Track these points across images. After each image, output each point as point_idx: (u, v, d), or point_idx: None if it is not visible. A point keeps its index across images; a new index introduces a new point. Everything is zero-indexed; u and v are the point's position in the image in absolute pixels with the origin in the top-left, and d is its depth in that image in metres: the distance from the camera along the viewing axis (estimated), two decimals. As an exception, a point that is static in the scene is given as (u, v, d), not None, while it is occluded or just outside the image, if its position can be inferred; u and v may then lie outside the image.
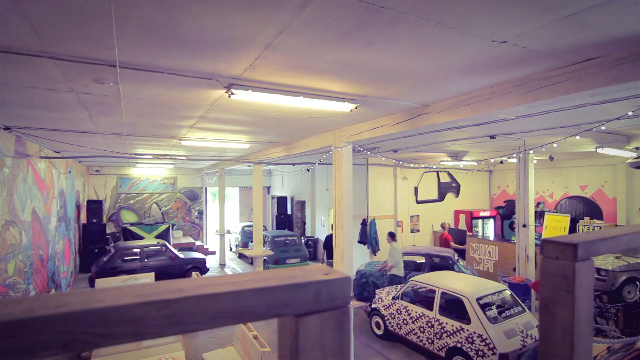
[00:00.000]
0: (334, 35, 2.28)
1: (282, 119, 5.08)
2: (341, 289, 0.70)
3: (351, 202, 6.02)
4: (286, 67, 2.90)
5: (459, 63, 2.77)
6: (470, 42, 2.36)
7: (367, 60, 2.72)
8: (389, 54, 2.57)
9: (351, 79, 3.20)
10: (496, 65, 2.80)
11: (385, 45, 2.43)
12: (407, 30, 2.18)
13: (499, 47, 2.46)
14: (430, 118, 4.14)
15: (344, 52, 2.58)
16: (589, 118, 4.95)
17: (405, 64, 2.79)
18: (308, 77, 3.20)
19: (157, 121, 5.16)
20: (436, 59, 2.68)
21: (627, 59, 2.52)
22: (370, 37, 2.30)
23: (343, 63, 2.79)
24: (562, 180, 12.02)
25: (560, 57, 2.66)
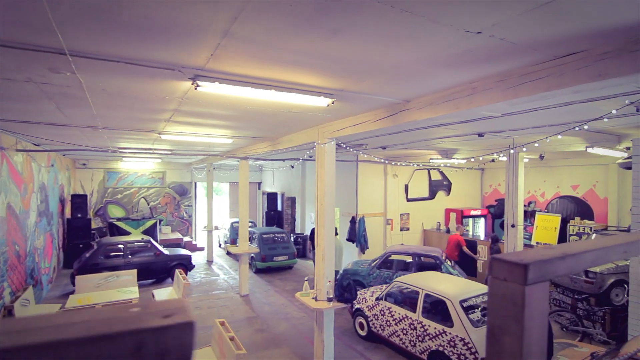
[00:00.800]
0: (294, 23, 2.09)
1: (260, 114, 4.88)
2: (179, 339, 0.52)
3: (333, 201, 5.85)
4: (251, 58, 2.71)
5: (435, 56, 2.59)
6: (442, 32, 2.18)
7: (335, 52, 2.54)
8: (356, 44, 2.39)
9: (323, 71, 3.01)
10: (474, 58, 2.62)
11: (351, 35, 2.24)
12: (371, 19, 2.00)
13: (475, 39, 2.28)
14: (411, 114, 3.97)
15: (310, 42, 2.39)
16: (578, 117, 4.80)
17: (376, 56, 2.60)
18: (278, 69, 3.01)
19: (130, 114, 4.95)
20: (409, 51, 2.50)
21: (612, 53, 2.35)
22: (334, 25, 2.11)
23: (311, 54, 2.60)
24: (554, 180, 11.93)
25: (541, 51, 2.48)
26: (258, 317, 8.50)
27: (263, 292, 10.33)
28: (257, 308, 9.08)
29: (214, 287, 10.86)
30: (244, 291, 10.01)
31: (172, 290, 9.08)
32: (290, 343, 7.20)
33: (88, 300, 7.94)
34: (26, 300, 7.61)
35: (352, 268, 9.67)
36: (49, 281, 10.48)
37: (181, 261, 11.26)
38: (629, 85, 3.05)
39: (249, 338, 7.40)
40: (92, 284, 8.87)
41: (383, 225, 12.47)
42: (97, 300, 7.94)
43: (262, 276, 12.04)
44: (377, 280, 9.06)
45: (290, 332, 7.73)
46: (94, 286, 8.85)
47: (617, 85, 2.61)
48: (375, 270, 9.20)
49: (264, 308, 9.08)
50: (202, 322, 8.12)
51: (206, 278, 11.85)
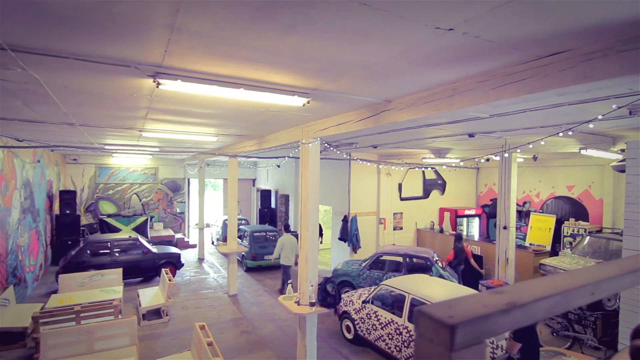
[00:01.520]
0: (244, 17, 1.89)
1: (240, 112, 4.68)
2: None
3: (317, 203, 5.66)
4: (211, 55, 2.50)
5: (408, 55, 2.39)
6: (410, 29, 1.97)
7: (296, 49, 2.33)
8: (316, 41, 2.18)
9: (290, 70, 2.81)
10: (451, 57, 2.42)
11: (308, 31, 2.03)
12: (326, 13, 1.79)
13: (448, 37, 2.08)
14: (393, 115, 3.76)
15: (267, 39, 2.18)
16: (570, 118, 4.61)
17: (342, 54, 2.40)
18: (244, 67, 2.80)
19: (103, 112, 4.74)
20: (378, 49, 2.29)
21: (598, 54, 2.15)
22: (287, 20, 1.90)
23: (272, 51, 2.40)
24: (549, 180, 11.75)
25: (523, 50, 2.28)
26: (245, 318, 8.34)
27: (252, 292, 10.18)
28: (244, 308, 8.93)
29: (203, 286, 10.70)
30: (233, 291, 9.85)
31: (158, 290, 8.92)
32: (275, 346, 7.05)
33: (70, 300, 7.77)
34: (6, 300, 7.44)
35: (342, 268, 9.52)
36: (34, 279, 10.31)
37: (170, 259, 11.09)
38: (620, 87, 2.85)
39: (233, 340, 7.25)
40: (76, 282, 8.70)
41: (376, 224, 12.30)
42: (79, 300, 7.77)
43: (253, 275, 11.89)
44: (367, 282, 8.91)
45: (276, 334, 7.58)
46: (78, 285, 8.67)
47: (605, 88, 2.41)
48: (366, 271, 9.05)
49: (252, 309, 8.93)
50: (188, 323, 7.96)
51: (196, 277, 11.69)
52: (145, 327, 7.73)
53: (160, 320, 8.03)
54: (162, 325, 7.87)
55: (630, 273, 1.16)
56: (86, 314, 6.61)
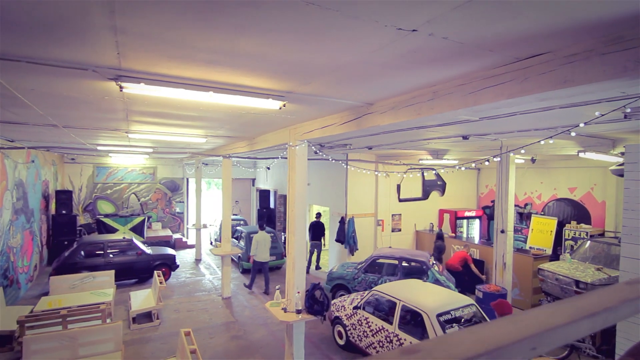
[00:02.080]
0: (185, 18, 1.74)
1: (222, 114, 4.53)
2: None
3: (304, 207, 5.51)
4: (168, 58, 2.35)
5: (375, 57, 2.22)
6: (370, 30, 1.81)
7: (252, 50, 2.18)
8: (271, 42, 2.03)
9: (257, 72, 2.65)
10: (423, 60, 2.25)
11: (259, 32, 1.88)
12: (272, 13, 1.64)
13: (414, 38, 1.91)
14: (375, 119, 3.60)
15: (220, 40, 2.03)
16: (564, 121, 4.41)
17: (302, 55, 2.24)
18: (209, 70, 2.65)
19: (81, 113, 4.61)
20: (338, 51, 2.13)
21: (580, 56, 1.97)
22: (234, 21, 1.75)
23: (230, 54, 2.25)
24: (551, 182, 11.49)
25: (498, 52, 2.11)
26: (236, 322, 8.23)
27: (246, 295, 10.06)
28: (237, 312, 8.81)
29: (197, 288, 10.60)
30: (226, 293, 9.75)
31: (150, 293, 8.83)
32: (266, 352, 6.92)
33: (59, 303, 7.70)
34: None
35: (337, 271, 9.37)
36: (28, 280, 10.28)
37: (164, 261, 11.00)
38: (612, 90, 2.66)
39: (223, 346, 7.13)
40: (67, 284, 8.63)
41: (373, 226, 12.13)
42: (69, 303, 7.69)
43: (249, 277, 11.75)
44: (362, 285, 8.75)
45: (267, 339, 7.45)
46: (69, 287, 8.61)
47: (590, 92, 2.23)
48: (361, 274, 8.89)
49: (244, 312, 8.81)
50: (178, 327, 7.84)
51: (191, 278, 11.61)
52: (135, 331, 7.65)
53: (150, 323, 7.93)
54: (152, 329, 7.77)
55: (587, 318, 0.99)
56: (73, 318, 6.53)
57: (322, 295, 5.50)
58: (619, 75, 1.82)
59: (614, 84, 1.90)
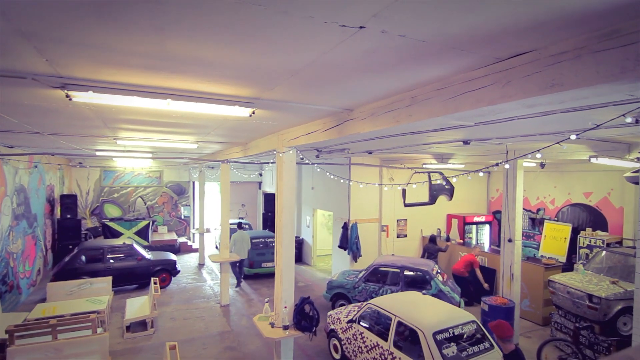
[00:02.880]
0: (96, 19, 1.49)
1: (201, 120, 4.30)
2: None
3: (293, 217, 5.23)
4: (101, 63, 2.13)
5: (329, 59, 1.94)
6: (308, 27, 1.53)
7: (188, 53, 1.92)
8: (199, 44, 1.77)
9: (210, 78, 2.40)
10: (387, 62, 1.96)
11: (183, 34, 1.62)
12: (185, 12, 1.37)
13: (365, 36, 1.62)
14: (355, 126, 3.30)
15: (146, 44, 1.79)
16: (571, 125, 4.02)
17: (249, 59, 1.97)
18: (159, 77, 2.41)
19: (54, 121, 4.45)
20: (286, 53, 1.86)
21: (569, 55, 1.64)
22: (153, 22, 1.49)
23: (167, 57, 2.00)
24: (565, 186, 10.91)
25: (474, 52, 1.79)
26: (232, 332, 8.00)
27: (245, 302, 9.84)
28: (234, 321, 8.59)
29: (197, 294, 10.45)
30: (225, 301, 9.55)
31: (146, 299, 8.70)
32: (258, 365, 6.67)
33: (53, 310, 7.62)
34: (-10, 310, 7.36)
35: (337, 280, 9.06)
36: (30, 284, 10.31)
37: (165, 266, 10.89)
38: (619, 93, 2.30)
39: (216, 357, 6.91)
40: (65, 291, 8.57)
41: (378, 231, 11.77)
42: (63, 311, 7.61)
43: (250, 283, 11.57)
44: (362, 295, 8.42)
45: (261, 351, 7.20)
46: (66, 294, 8.55)
47: (582, 99, 1.87)
48: (361, 283, 8.56)
49: (241, 321, 8.58)
50: (173, 336, 7.69)
51: (192, 284, 11.47)
52: (128, 340, 7.50)
53: (144, 332, 7.78)
54: (146, 338, 7.62)
55: None
56: (62, 328, 6.40)
57: (312, 309, 5.21)
58: (616, 77, 1.49)
59: (610, 88, 1.57)
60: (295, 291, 10.89)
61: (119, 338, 7.58)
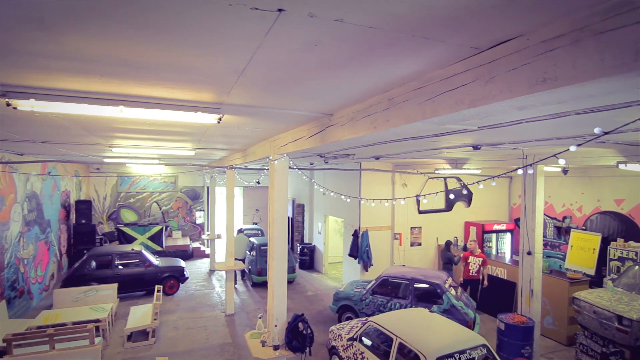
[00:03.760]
0: (37, 25, 1.23)
1: (179, 127, 4.06)
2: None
3: (285, 228, 4.91)
4: (47, 70, 1.89)
5: (266, 55, 1.62)
6: (222, 16, 1.21)
7: (110, 53, 1.64)
8: (108, 42, 1.48)
9: (154, 82, 2.12)
10: (339, 55, 1.61)
11: (87, 31, 1.34)
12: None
13: (294, 23, 1.28)
14: (336, 132, 2.95)
15: (74, 46, 1.52)
16: (592, 129, 3.51)
17: (185, 60, 1.68)
18: (96, 81, 2.15)
19: (39, 130, 4.32)
20: (210, 52, 1.55)
21: (565, 39, 1.24)
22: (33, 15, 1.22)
23: (94, 60, 1.73)
24: (594, 192, 10.09)
25: (443, 40, 1.42)
26: (233, 344, 7.75)
27: (251, 312, 9.58)
28: (237, 332, 8.34)
29: (203, 302, 10.28)
30: (230, 310, 9.33)
31: (150, 308, 8.58)
32: (256, 381, 6.35)
33: (56, 318, 7.60)
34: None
35: (344, 290, 8.65)
36: (43, 289, 10.43)
37: (173, 273, 10.80)
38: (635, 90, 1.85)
39: (213, 372, 6.66)
40: (71, 297, 8.58)
41: (390, 239, 11.28)
42: (65, 319, 7.59)
43: (258, 291, 11.33)
44: (369, 308, 7.99)
45: (261, 366, 6.88)
46: (72, 300, 8.55)
47: (585, 98, 1.44)
48: (369, 295, 8.13)
49: (244, 332, 8.30)
50: (173, 347, 7.52)
51: (200, 291, 11.34)
52: (128, 350, 7.37)
53: (145, 342, 7.64)
54: (146, 348, 7.47)
55: None
56: (59, 337, 6.32)
57: (306, 327, 4.86)
58: (629, 66, 1.09)
59: (621, 82, 1.16)
60: (303, 301, 10.60)
61: (119, 347, 7.47)
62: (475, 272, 8.89)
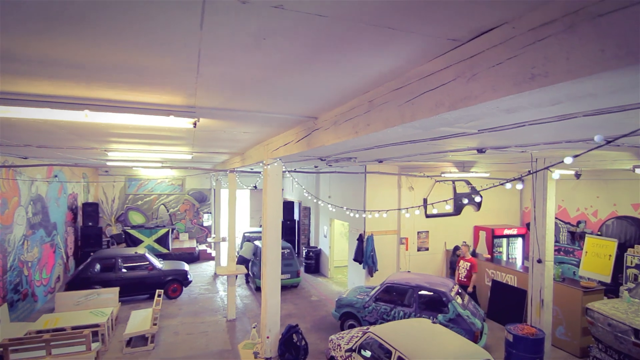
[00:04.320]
0: None
1: (165, 131, 3.91)
2: None
3: (279, 235, 4.71)
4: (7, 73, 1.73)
5: (212, 49, 1.42)
6: (145, 12, 1.03)
7: (52, 55, 1.48)
8: (53, 42, 1.31)
9: (116, 85, 1.96)
10: (293, 53, 1.41)
11: (30, 30, 1.17)
12: None
13: (224, 14, 1.08)
14: (320, 137, 2.75)
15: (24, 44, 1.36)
16: (603, 131, 3.23)
17: (138, 59, 1.50)
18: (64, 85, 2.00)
19: (26, 135, 4.23)
20: (159, 47, 1.37)
21: (557, 26, 1.01)
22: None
23: (55, 63, 1.57)
24: (610, 196, 9.64)
25: (413, 31, 1.20)
26: (232, 350, 7.58)
27: (253, 317, 9.42)
28: (237, 338, 8.18)
29: (206, 306, 10.17)
30: (231, 315, 9.18)
31: (151, 312, 8.49)
32: (253, 391, 6.17)
33: (55, 322, 7.56)
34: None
35: (347, 297, 8.41)
36: (48, 292, 10.47)
37: (176, 276, 10.72)
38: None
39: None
40: (73, 301, 8.55)
41: (396, 244, 10.99)
42: (65, 323, 7.54)
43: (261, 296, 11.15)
44: (372, 316, 7.74)
45: (260, 375, 6.70)
46: (74, 304, 8.52)
47: (584, 98, 1.21)
48: (372, 302, 7.88)
49: (244, 339, 8.14)
50: (172, 353, 7.40)
51: (204, 294, 11.23)
52: (127, 355, 7.28)
53: (144, 348, 7.54)
54: (144, 354, 7.36)
55: None
56: (56, 343, 6.26)
57: (300, 339, 4.66)
58: (634, 58, 0.86)
59: (624, 78, 0.93)
60: (307, 306, 10.40)
61: (118, 352, 7.39)
62: (464, 277, 8.71)
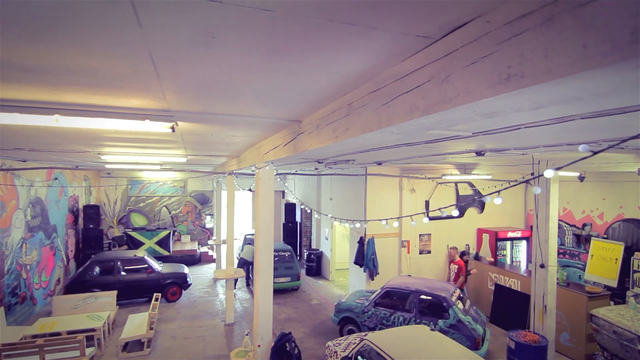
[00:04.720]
0: None
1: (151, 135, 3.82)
2: None
3: (272, 241, 4.60)
4: None
5: (163, 49, 1.32)
6: (82, 10, 0.91)
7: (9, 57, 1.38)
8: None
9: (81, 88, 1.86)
10: (250, 52, 1.29)
11: None
12: None
13: (161, 8, 0.97)
14: (304, 141, 2.63)
15: None
16: (604, 133, 3.08)
17: (99, 62, 1.39)
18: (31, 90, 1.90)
19: (9, 139, 4.15)
20: (104, 50, 1.27)
21: (534, 18, 0.88)
22: None
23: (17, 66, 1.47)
24: (616, 198, 9.40)
25: (377, 27, 1.08)
26: (229, 356, 7.47)
27: (251, 321, 9.30)
28: (234, 343, 8.07)
29: (205, 309, 10.09)
30: (230, 319, 9.09)
31: (147, 316, 8.42)
32: (249, 398, 6.05)
33: (52, 326, 7.51)
34: (-9, 323, 7.37)
35: (346, 301, 8.28)
36: (48, 294, 10.45)
37: (175, 279, 10.65)
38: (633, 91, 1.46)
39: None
40: (70, 305, 8.50)
41: (397, 247, 10.83)
42: (61, 327, 7.48)
43: (261, 299, 11.05)
44: (372, 321, 7.61)
45: (256, 381, 6.59)
46: (71, 308, 8.47)
47: (573, 101, 1.07)
48: (371, 307, 7.73)
49: (242, 344, 8.04)
50: (168, 358, 7.31)
51: (203, 297, 11.16)
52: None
53: (140, 352, 7.46)
54: (140, 359, 7.28)
55: None
56: (50, 348, 6.19)
57: (293, 347, 4.54)
58: (620, 55, 0.73)
59: (610, 78, 0.80)
60: (307, 310, 10.27)
61: (114, 357, 7.32)
62: (452, 280, 8.63)
